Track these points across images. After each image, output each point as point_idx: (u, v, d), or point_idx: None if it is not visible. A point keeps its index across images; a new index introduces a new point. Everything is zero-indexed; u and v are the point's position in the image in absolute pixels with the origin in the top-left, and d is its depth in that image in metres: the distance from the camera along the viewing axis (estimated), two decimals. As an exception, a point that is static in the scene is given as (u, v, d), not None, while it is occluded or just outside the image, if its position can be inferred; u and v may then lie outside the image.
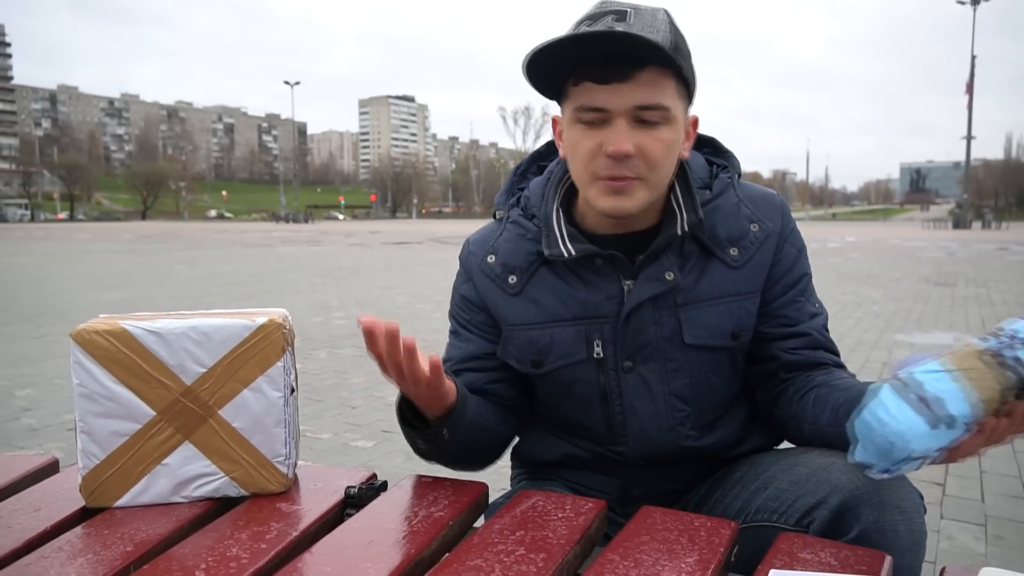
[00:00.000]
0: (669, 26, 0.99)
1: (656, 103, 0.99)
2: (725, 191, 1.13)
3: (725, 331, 1.10)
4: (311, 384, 4.57)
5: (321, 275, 12.39)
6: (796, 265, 1.14)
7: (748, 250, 1.11)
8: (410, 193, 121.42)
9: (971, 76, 42.26)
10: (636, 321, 1.10)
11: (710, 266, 1.10)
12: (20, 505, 1.02)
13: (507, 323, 1.16)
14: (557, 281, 1.13)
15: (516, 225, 1.17)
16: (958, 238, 27.78)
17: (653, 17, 0.99)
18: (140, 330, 0.99)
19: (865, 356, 5.30)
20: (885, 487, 0.90)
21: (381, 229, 42.41)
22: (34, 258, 17.30)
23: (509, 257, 1.16)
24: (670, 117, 1.00)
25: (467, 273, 1.21)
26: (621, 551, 0.86)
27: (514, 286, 1.15)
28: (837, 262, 14.55)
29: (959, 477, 2.93)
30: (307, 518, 0.97)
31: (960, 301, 8.50)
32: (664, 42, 0.96)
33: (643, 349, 1.11)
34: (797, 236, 1.16)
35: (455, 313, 1.23)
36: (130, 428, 1.00)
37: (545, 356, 1.13)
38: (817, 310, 1.15)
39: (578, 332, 1.12)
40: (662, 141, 1.01)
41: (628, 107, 0.98)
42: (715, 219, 1.11)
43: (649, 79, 0.98)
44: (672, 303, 1.09)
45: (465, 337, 1.21)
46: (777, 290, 1.13)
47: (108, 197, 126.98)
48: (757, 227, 1.12)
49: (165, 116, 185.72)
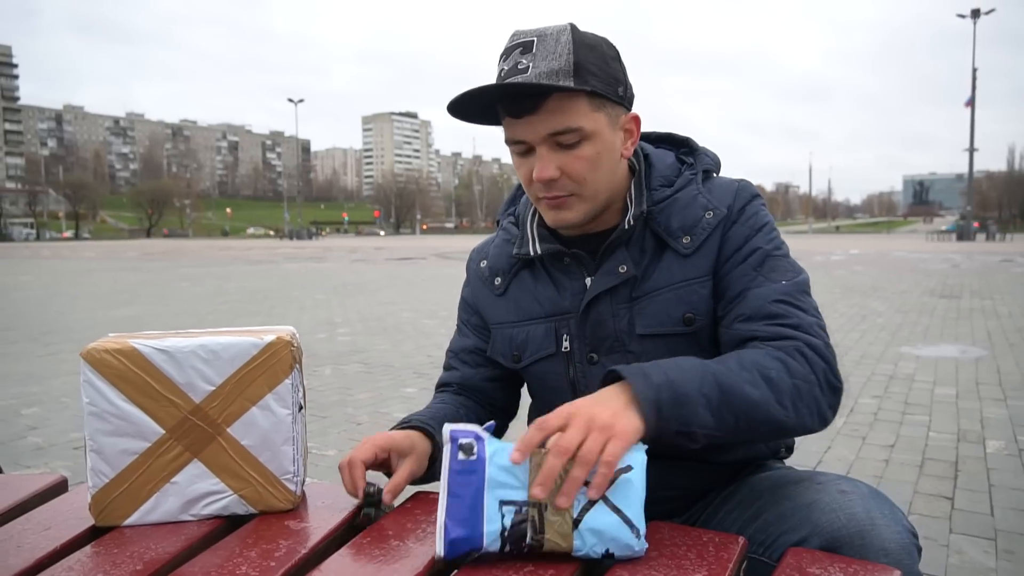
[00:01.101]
0: (571, 47, 1.02)
1: (566, 127, 1.04)
2: (686, 185, 1.17)
3: (675, 317, 1.12)
4: (316, 401, 4.57)
5: (325, 291, 12.41)
6: (748, 242, 1.11)
7: (699, 236, 1.12)
8: (413, 209, 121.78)
9: (973, 88, 42.38)
10: (595, 314, 1.16)
11: (663, 257, 1.13)
12: (30, 524, 1.03)
13: (492, 322, 1.29)
14: (532, 281, 1.23)
15: (505, 231, 1.29)
16: (962, 250, 27.74)
17: (556, 41, 1.02)
18: (149, 348, 1.00)
19: (871, 369, 5.28)
20: (868, 529, 0.88)
21: (385, 245, 42.51)
22: (41, 277, 17.38)
23: (495, 261, 1.28)
24: (586, 134, 1.05)
25: (468, 276, 1.36)
26: (630, 566, 0.85)
27: (498, 287, 1.27)
28: (841, 275, 14.53)
29: (968, 491, 2.91)
30: (315, 535, 0.97)
31: (965, 313, 8.47)
32: (563, 67, 1.01)
33: (604, 342, 1.16)
34: (755, 216, 1.14)
35: (459, 311, 1.38)
36: (139, 446, 1.00)
37: (522, 351, 1.23)
38: (776, 282, 1.08)
39: (548, 328, 1.20)
40: (583, 159, 1.06)
41: (542, 136, 1.05)
42: (671, 211, 1.14)
43: (556, 106, 1.03)
44: (628, 296, 1.14)
45: (464, 333, 1.35)
46: (725, 268, 1.12)
47: (113, 215, 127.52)
48: (711, 214, 1.13)
49: (170, 135, 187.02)
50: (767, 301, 1.06)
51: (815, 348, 1.01)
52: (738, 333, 1.07)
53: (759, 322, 1.05)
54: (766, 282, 1.08)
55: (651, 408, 0.89)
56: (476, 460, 0.87)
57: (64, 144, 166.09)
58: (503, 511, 0.86)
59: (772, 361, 0.98)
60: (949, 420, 3.97)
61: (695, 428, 0.92)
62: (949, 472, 3.14)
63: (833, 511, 0.91)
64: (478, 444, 0.87)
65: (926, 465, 3.24)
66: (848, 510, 0.90)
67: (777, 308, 1.05)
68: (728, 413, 0.93)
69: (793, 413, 0.97)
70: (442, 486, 0.87)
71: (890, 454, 3.40)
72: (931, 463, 3.27)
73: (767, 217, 1.16)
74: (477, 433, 0.88)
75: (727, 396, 0.93)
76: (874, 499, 0.92)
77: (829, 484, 0.96)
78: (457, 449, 0.87)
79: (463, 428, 0.88)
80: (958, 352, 5.99)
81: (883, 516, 0.89)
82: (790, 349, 1.00)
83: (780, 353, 1.00)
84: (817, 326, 1.05)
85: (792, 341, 1.02)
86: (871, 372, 5.18)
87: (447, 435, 0.88)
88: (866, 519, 0.89)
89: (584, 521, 0.86)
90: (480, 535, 0.85)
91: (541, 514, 0.86)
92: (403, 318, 8.70)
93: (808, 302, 1.08)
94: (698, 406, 0.92)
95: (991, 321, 7.80)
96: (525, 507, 0.86)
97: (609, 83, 1.06)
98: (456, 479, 0.86)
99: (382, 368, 5.62)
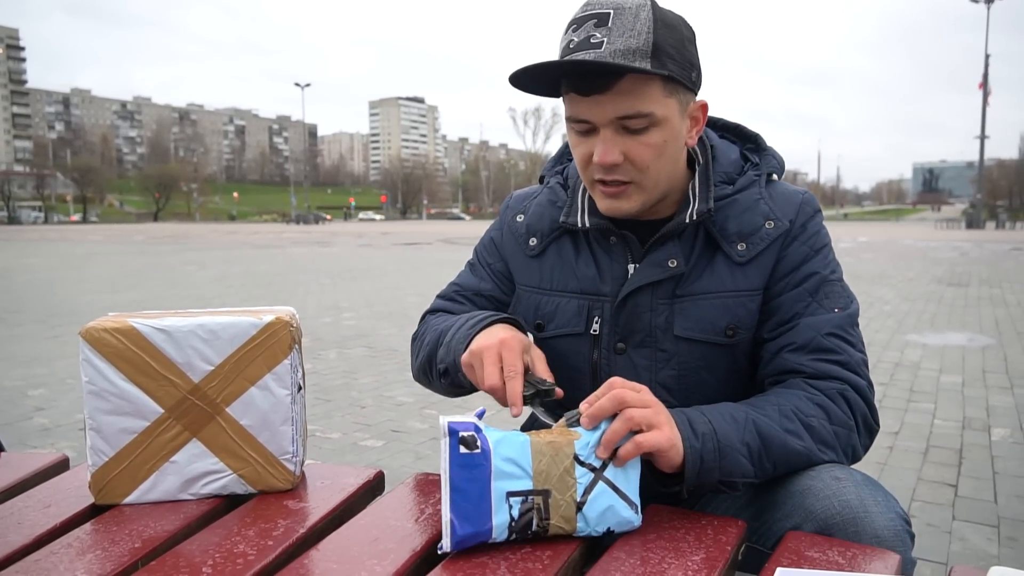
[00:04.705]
0: (651, 25, 0.97)
1: (637, 111, 0.99)
2: (748, 187, 1.12)
3: (718, 327, 1.08)
4: (321, 384, 4.58)
5: (331, 276, 12.43)
6: (806, 264, 1.08)
7: (756, 246, 1.08)
8: (420, 194, 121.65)
9: (985, 75, 41.94)
10: (632, 305, 1.11)
11: (715, 260, 1.09)
12: (30, 502, 1.03)
13: (520, 282, 1.23)
14: (572, 252, 1.17)
15: (551, 191, 1.23)
16: (971, 238, 27.58)
17: (635, 17, 0.97)
18: (148, 328, 0.99)
19: (877, 356, 5.26)
20: (861, 516, 0.88)
21: (391, 230, 42.51)
22: (48, 260, 17.44)
23: (535, 220, 1.22)
24: (656, 120, 1.00)
25: (501, 222, 1.29)
26: (628, 548, 0.85)
27: (533, 248, 1.21)
28: (850, 262, 14.46)
29: (972, 478, 2.91)
30: (314, 515, 0.97)
31: (973, 301, 8.43)
32: (641, 47, 0.96)
33: (636, 334, 1.12)
34: (816, 235, 1.11)
35: (479, 250, 1.30)
36: (139, 425, 1.01)
37: (548, 322, 1.18)
38: (829, 310, 1.06)
39: (580, 306, 1.15)
40: (650, 146, 1.01)
41: (610, 118, 1.00)
42: (729, 213, 1.10)
43: (628, 88, 0.98)
44: (671, 292, 1.10)
45: (480, 274, 1.29)
46: (778, 288, 1.08)
47: (120, 199, 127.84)
48: (772, 224, 1.09)
49: (177, 119, 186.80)
50: (820, 333, 1.04)
51: (859, 390, 1.02)
52: (785, 363, 1.06)
53: (808, 355, 1.04)
54: (820, 310, 1.06)
55: (694, 455, 0.91)
56: (480, 453, 0.84)
57: (72, 127, 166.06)
58: (510, 502, 0.85)
59: (813, 408, 0.99)
60: (954, 408, 3.95)
61: (736, 477, 0.93)
62: (953, 459, 3.13)
63: (827, 497, 0.90)
64: (479, 436, 0.85)
65: (930, 452, 3.23)
66: (841, 497, 0.90)
67: (828, 342, 1.04)
68: (768, 462, 0.95)
69: (831, 457, 0.99)
70: (444, 480, 0.84)
71: (895, 441, 3.39)
72: (935, 450, 3.26)
73: (827, 237, 1.13)
74: (475, 424, 0.86)
75: (767, 445, 0.95)
76: (868, 486, 0.92)
77: (823, 471, 0.95)
78: (458, 442, 0.84)
79: (461, 420, 0.86)
80: (965, 340, 5.96)
81: (876, 503, 0.89)
82: (833, 393, 1.01)
83: (822, 397, 1.00)
84: (863, 363, 1.06)
85: (837, 383, 1.02)
86: (877, 359, 5.16)
87: (445, 427, 0.85)
88: (859, 506, 0.88)
89: (587, 503, 0.86)
90: (489, 528, 0.84)
91: (546, 501, 0.85)
92: (409, 303, 8.71)
93: (856, 335, 1.07)
94: (739, 455, 0.93)
95: (999, 309, 7.76)
96: (531, 496, 0.85)
97: (685, 67, 1.00)
98: (460, 473, 0.84)
99: (387, 352, 5.62)
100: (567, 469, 0.86)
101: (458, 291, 1.29)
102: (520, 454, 0.86)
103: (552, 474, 0.86)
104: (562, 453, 0.87)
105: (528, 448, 0.86)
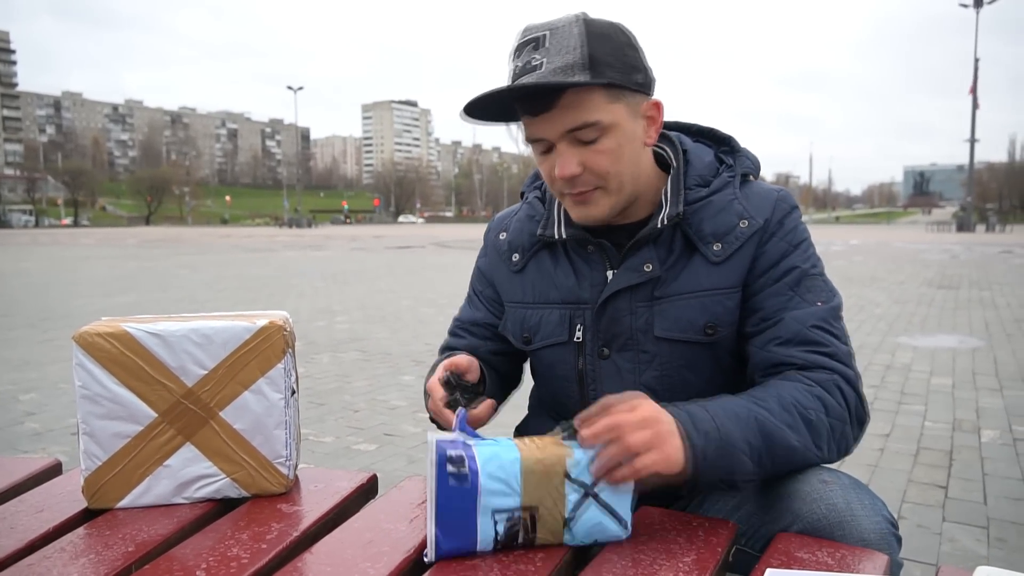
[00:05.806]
0: (584, 39, 0.99)
1: (583, 122, 1.02)
2: (723, 188, 1.13)
3: (696, 325, 1.10)
4: (314, 388, 4.57)
5: (324, 279, 12.40)
6: (785, 259, 1.09)
7: (731, 245, 1.10)
8: (413, 197, 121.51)
9: (975, 79, 42.21)
10: (612, 310, 1.13)
11: (691, 261, 1.11)
12: (23, 507, 1.03)
13: (506, 299, 1.26)
14: (552, 264, 1.20)
15: (530, 206, 1.26)
16: (962, 241, 27.72)
17: (568, 35, 1.00)
18: (142, 332, 1.00)
19: (868, 359, 5.28)
20: (848, 519, 0.88)
21: (384, 233, 42.46)
22: (39, 263, 17.36)
23: (516, 236, 1.25)
24: (605, 127, 1.02)
25: (485, 247, 1.32)
26: (619, 550, 0.86)
27: (516, 264, 1.24)
28: (841, 265, 14.52)
29: (961, 479, 2.92)
30: (307, 519, 0.98)
31: (964, 304, 8.48)
32: (577, 61, 0.98)
33: (618, 338, 1.14)
34: (794, 231, 1.11)
35: (472, 281, 1.35)
36: (132, 430, 1.01)
37: (534, 334, 1.21)
38: (812, 304, 1.07)
39: (563, 315, 1.18)
40: (604, 152, 1.04)
41: (560, 132, 1.03)
42: (704, 214, 1.11)
43: (571, 102, 1.00)
44: (650, 295, 1.11)
45: (475, 304, 1.33)
46: (759, 284, 1.09)
47: (112, 203, 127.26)
48: (746, 223, 1.10)
49: (169, 122, 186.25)
50: (805, 326, 1.05)
51: (849, 381, 1.03)
52: (774, 356, 1.06)
53: (796, 347, 1.05)
54: (803, 303, 1.07)
55: (697, 455, 0.90)
56: (468, 473, 0.84)
57: (63, 131, 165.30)
58: (495, 518, 0.85)
59: (812, 400, 0.99)
60: (945, 410, 3.98)
61: (736, 476, 0.93)
62: (943, 461, 3.15)
63: (814, 500, 0.91)
64: (467, 454, 0.85)
65: (921, 454, 3.25)
66: (828, 500, 0.91)
67: (814, 335, 1.05)
68: (768, 459, 0.95)
69: (826, 453, 0.99)
70: (430, 496, 0.84)
71: (885, 443, 3.41)
72: (926, 452, 3.28)
73: (805, 232, 1.13)
74: (463, 441, 0.86)
75: (769, 443, 0.95)
76: (855, 489, 0.93)
77: (810, 474, 0.96)
78: (445, 461, 0.84)
79: (449, 438, 0.86)
80: (955, 342, 5.99)
81: (863, 506, 0.90)
82: (828, 384, 1.01)
83: (819, 389, 1.01)
84: (849, 355, 1.06)
85: (829, 374, 1.03)
86: (868, 362, 5.18)
87: (432, 445, 0.84)
88: (846, 509, 0.89)
89: (575, 519, 0.86)
90: (474, 543, 0.85)
91: (533, 517, 0.86)
92: (402, 306, 8.70)
93: (841, 328, 1.08)
94: (742, 455, 0.93)
95: (989, 312, 7.81)
96: (517, 512, 0.85)
97: (626, 72, 1.02)
98: (447, 492, 0.84)
99: (380, 356, 5.62)
100: (557, 487, 0.86)
101: (459, 325, 1.34)
102: (509, 473, 0.85)
103: (541, 492, 0.86)
104: (552, 471, 0.86)
105: (518, 466, 0.86)
